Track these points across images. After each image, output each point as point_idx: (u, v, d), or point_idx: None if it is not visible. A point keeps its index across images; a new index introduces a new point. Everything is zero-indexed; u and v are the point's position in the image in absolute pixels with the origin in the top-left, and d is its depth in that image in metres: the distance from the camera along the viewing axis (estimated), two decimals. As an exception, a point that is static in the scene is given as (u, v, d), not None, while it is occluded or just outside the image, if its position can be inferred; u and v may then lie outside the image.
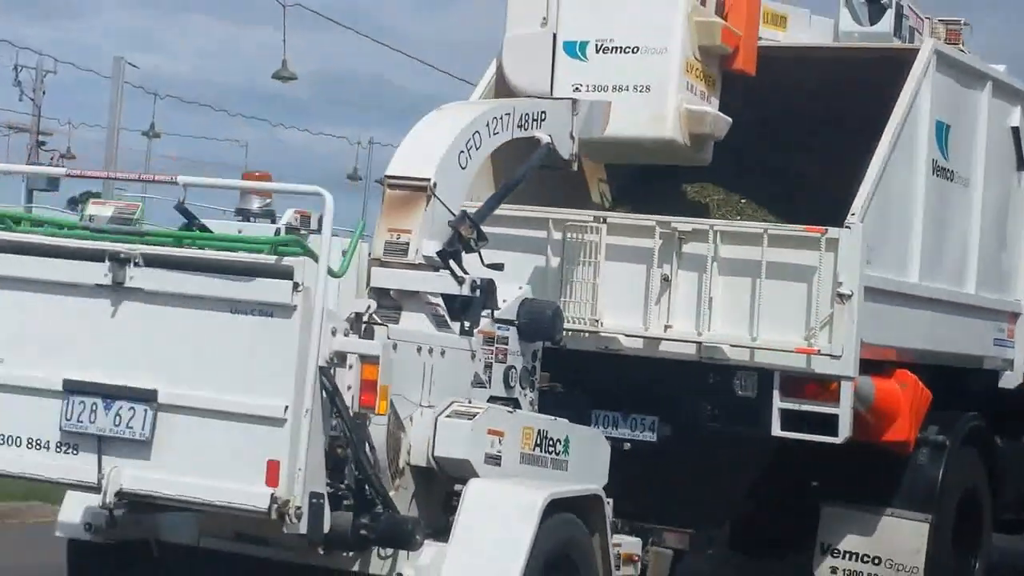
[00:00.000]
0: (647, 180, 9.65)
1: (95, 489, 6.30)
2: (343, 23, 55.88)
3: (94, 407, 6.29)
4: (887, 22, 9.56)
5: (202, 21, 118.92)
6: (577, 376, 8.17)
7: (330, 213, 6.21)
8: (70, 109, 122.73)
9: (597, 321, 8.51)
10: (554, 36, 8.77)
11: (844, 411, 8.09)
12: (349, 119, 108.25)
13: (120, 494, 6.24)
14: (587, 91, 8.60)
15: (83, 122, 76.00)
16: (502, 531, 6.58)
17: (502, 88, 8.98)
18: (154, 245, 6.43)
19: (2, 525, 12.49)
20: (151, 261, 6.29)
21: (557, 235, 8.69)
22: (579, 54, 8.76)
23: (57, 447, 6.37)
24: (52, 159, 55.89)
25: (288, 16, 27.01)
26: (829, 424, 8.11)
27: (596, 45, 8.69)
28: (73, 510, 7.25)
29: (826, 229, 8.14)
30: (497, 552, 6.52)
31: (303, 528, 6.06)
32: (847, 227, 8.15)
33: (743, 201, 9.80)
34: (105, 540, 7.18)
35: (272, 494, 5.92)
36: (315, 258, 6.14)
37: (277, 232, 7.12)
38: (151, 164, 52.39)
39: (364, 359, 6.32)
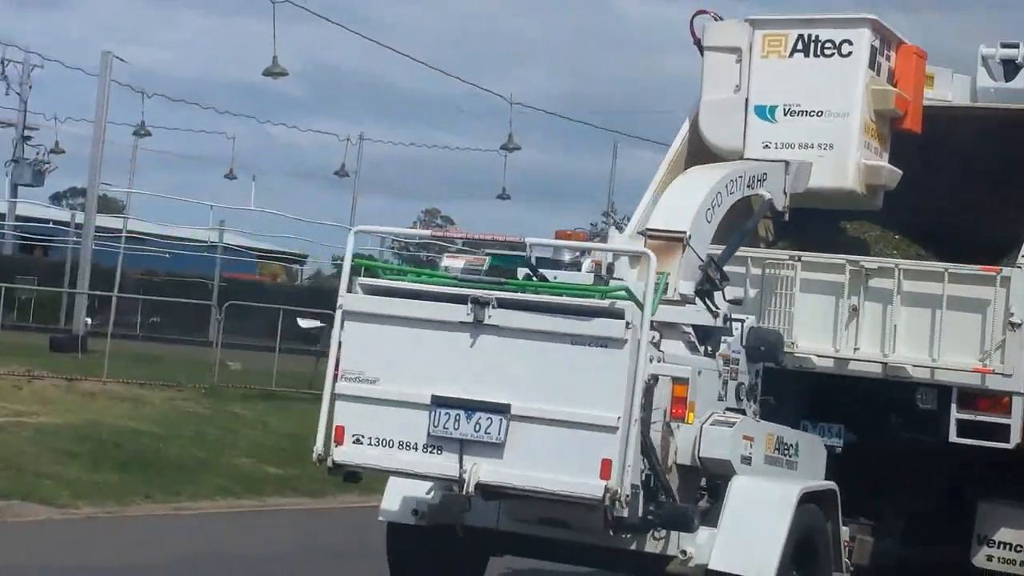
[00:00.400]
0: (806, 218, 10.81)
1: (457, 481, 7.97)
2: (333, 18, 56.77)
3: (457, 417, 8.03)
4: (1021, 80, 11.11)
5: (191, 14, 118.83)
6: (773, 390, 9.60)
7: (654, 270, 7.87)
8: (57, 104, 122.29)
9: (792, 344, 10.02)
10: (746, 101, 10.41)
11: (1015, 421, 9.70)
12: (339, 114, 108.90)
13: (479, 486, 7.92)
14: (776, 148, 10.18)
15: (69, 116, 76.26)
16: (765, 518, 8.36)
17: (696, 145, 10.69)
18: (506, 291, 8.18)
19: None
20: (504, 303, 8.06)
21: (756, 271, 10.25)
22: (769, 116, 10.36)
23: (425, 448, 8.11)
24: (38, 154, 56.56)
25: (280, 10, 27.71)
26: (1000, 432, 9.69)
27: (784, 109, 10.30)
28: (393, 501, 9.10)
29: (1000, 268, 9.75)
30: (762, 535, 8.29)
31: (627, 513, 7.67)
32: (1018, 267, 9.76)
33: (897, 237, 11.32)
34: (427, 523, 8.90)
35: (606, 486, 7.59)
36: (639, 303, 7.82)
37: (597, 280, 8.62)
38: (137, 159, 53.20)
39: (676, 380, 8.22)
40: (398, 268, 9.30)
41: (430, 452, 8.10)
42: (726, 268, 9.16)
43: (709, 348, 8.81)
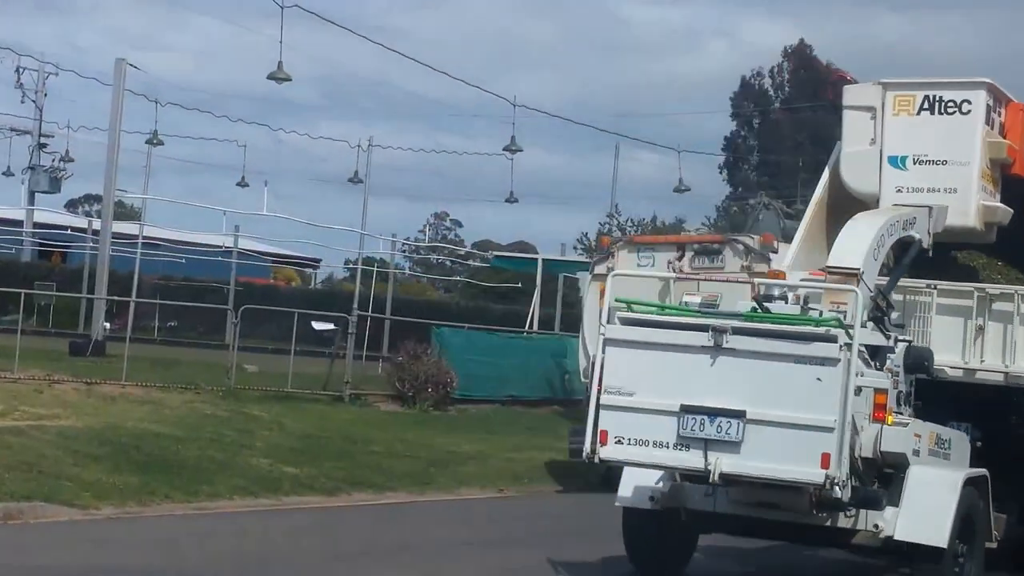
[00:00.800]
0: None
1: (703, 472, 10.38)
2: (342, 23, 57.07)
3: (702, 421, 10.39)
4: None
5: (205, 21, 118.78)
6: (918, 396, 11.60)
7: (861, 304, 10.31)
8: (71, 111, 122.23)
9: None
10: (880, 152, 12.67)
11: None
12: (350, 119, 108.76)
13: (722, 476, 10.34)
14: (907, 192, 12.48)
15: (82, 125, 76.61)
16: (938, 498, 10.77)
17: (836, 188, 13.08)
18: (739, 321, 10.49)
19: (6, 524, 13.52)
20: (738, 331, 10.40)
21: (898, 296, 12.05)
22: (900, 165, 12.62)
23: (675, 446, 10.48)
24: (53, 161, 56.98)
25: (290, 15, 28.01)
26: None
27: (913, 158, 12.55)
28: (628, 490, 11.66)
29: None
30: (936, 511, 10.74)
31: (843, 495, 10.05)
32: None
33: (999, 263, 13.18)
34: (660, 508, 11.53)
35: (826, 474, 9.92)
36: (848, 332, 10.07)
37: (804, 310, 10.81)
38: (151, 164, 53.51)
39: (877, 390, 10.57)
40: (649, 304, 11.37)
41: (679, 449, 10.43)
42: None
43: (877, 363, 10.79)
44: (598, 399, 10.67)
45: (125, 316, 36.74)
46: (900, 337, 11.25)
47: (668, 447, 10.44)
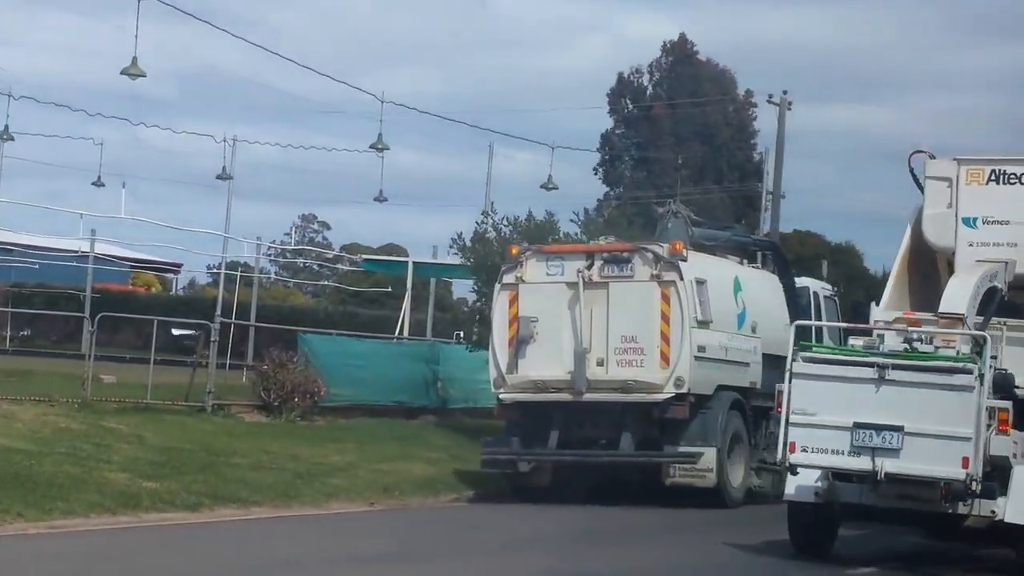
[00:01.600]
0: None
1: (871, 473, 14.17)
2: (204, 17, 55.62)
3: (870, 434, 14.17)
4: None
5: (60, 16, 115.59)
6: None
7: (990, 345, 14.29)
8: None
9: None
10: (956, 214, 16.18)
11: None
12: (215, 117, 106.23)
13: (886, 475, 14.10)
14: (977, 247, 15.97)
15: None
16: None
17: (917, 242, 16.60)
18: (896, 358, 14.34)
19: None
20: (897, 367, 14.26)
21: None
22: (972, 224, 16.11)
23: (848, 453, 14.28)
24: None
25: (148, 8, 27.06)
26: None
27: (983, 219, 16.08)
28: (793, 489, 15.23)
29: None
30: None
31: (977, 488, 13.84)
32: None
33: None
34: (821, 502, 15.14)
35: (966, 472, 13.70)
36: (980, 365, 13.87)
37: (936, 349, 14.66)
38: (2, 166, 51.82)
39: (1000, 409, 14.32)
40: (827, 347, 16.66)
41: (852, 456, 14.25)
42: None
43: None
44: (787, 418, 14.44)
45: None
46: (995, 367, 14.51)
47: (843, 454, 14.28)
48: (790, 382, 14.42)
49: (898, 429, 13.90)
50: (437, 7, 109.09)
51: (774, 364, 21.27)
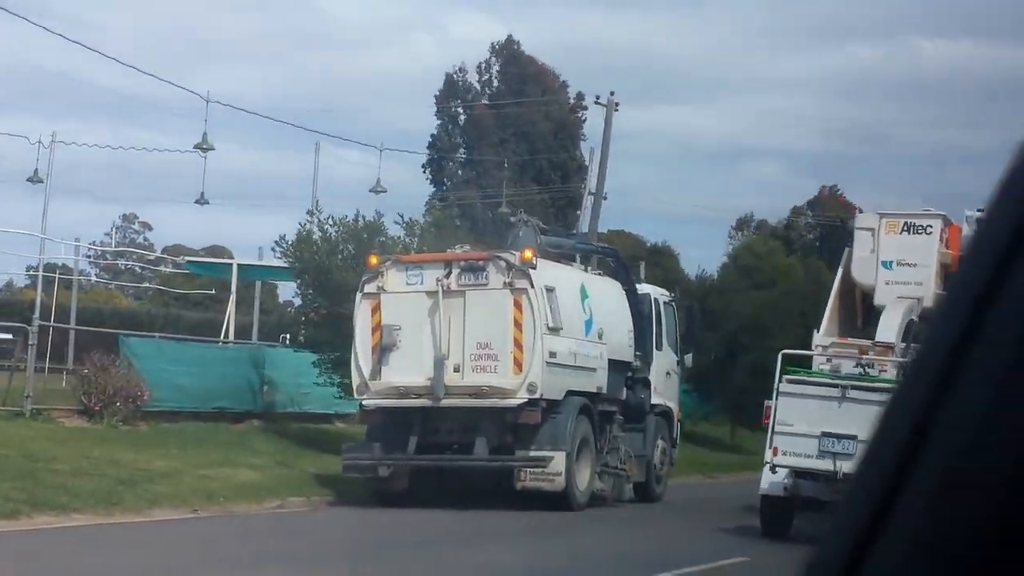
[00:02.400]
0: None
1: (833, 473, 17.22)
2: (17, 11, 54.04)
3: (833, 441, 17.49)
4: None
5: None
6: None
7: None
8: None
9: None
10: (877, 257, 19.86)
11: None
12: (31, 114, 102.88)
13: (844, 475, 16.33)
14: (892, 285, 19.61)
15: None
16: None
17: (846, 280, 20.31)
18: (853, 380, 18.00)
19: None
20: (854, 387, 17.82)
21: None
22: (888, 266, 19.77)
23: (816, 457, 17.69)
24: None
25: None
26: None
27: (896, 262, 19.70)
28: (766, 484, 18.40)
29: None
30: None
31: None
32: None
33: None
34: (788, 495, 18.21)
35: None
36: None
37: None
38: None
39: None
40: (805, 371, 19.09)
41: (819, 459, 17.58)
42: None
43: None
44: (773, 428, 18.02)
45: None
46: None
47: (812, 457, 17.62)
48: (777, 399, 18.02)
49: (853, 438, 16.82)
50: (265, 5, 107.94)
51: (618, 369, 22.14)
